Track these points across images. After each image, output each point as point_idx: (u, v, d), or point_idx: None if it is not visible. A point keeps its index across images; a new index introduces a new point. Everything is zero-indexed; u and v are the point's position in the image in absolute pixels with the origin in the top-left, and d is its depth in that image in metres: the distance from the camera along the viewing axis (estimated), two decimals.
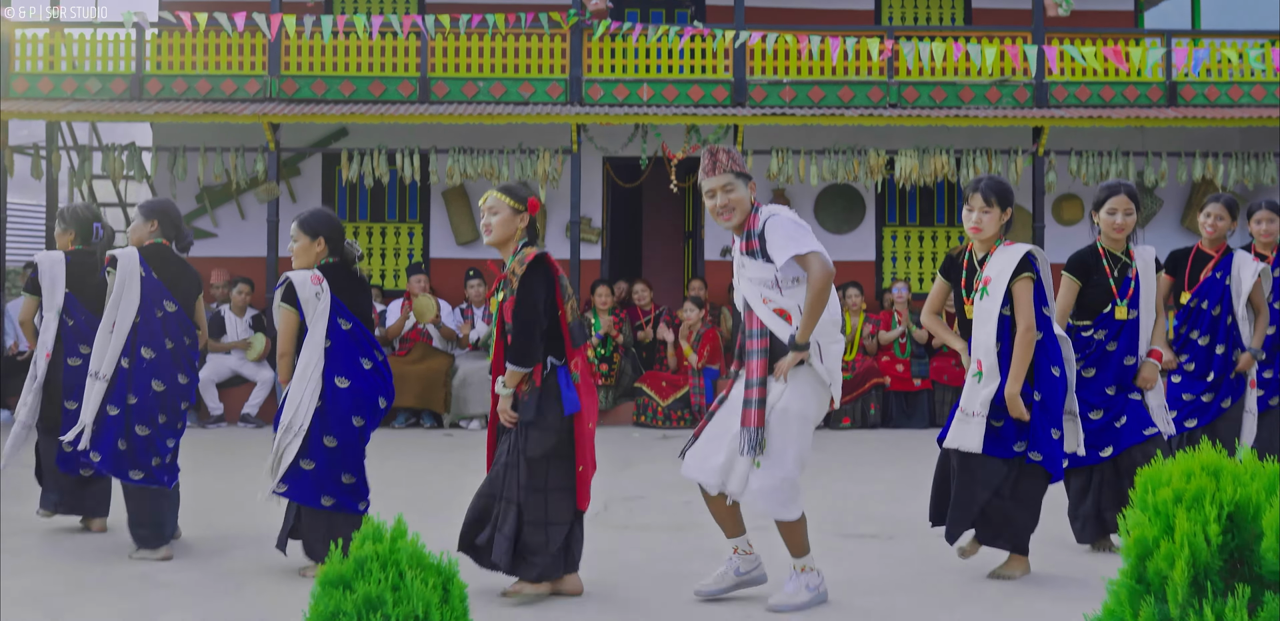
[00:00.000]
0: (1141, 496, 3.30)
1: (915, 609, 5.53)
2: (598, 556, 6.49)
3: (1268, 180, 14.43)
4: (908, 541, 6.99)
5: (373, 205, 15.33)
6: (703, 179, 5.64)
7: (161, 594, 5.74)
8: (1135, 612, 3.19)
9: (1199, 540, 3.12)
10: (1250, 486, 3.22)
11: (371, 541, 3.25)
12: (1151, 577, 3.18)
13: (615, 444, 11.72)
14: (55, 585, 5.89)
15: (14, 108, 13.71)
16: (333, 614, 3.15)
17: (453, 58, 14.31)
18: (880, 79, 14.25)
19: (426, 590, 3.16)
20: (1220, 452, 3.30)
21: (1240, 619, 3.00)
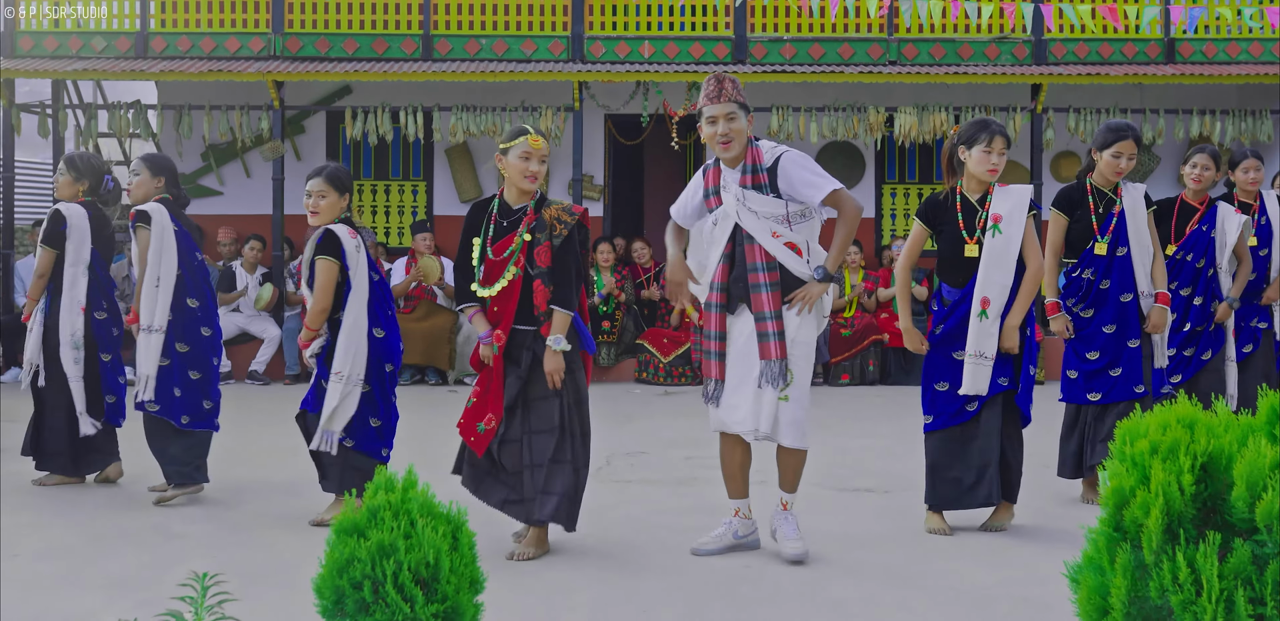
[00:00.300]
0: (1120, 448, 3.44)
1: (909, 560, 5.67)
2: (600, 510, 6.64)
3: (1264, 137, 14.49)
4: (903, 495, 7.13)
5: (376, 163, 15.39)
6: (704, 105, 5.62)
7: (177, 544, 5.90)
8: (1112, 559, 3.34)
9: (1173, 490, 3.25)
10: (1223, 438, 3.35)
11: (384, 491, 3.39)
12: (1128, 525, 3.33)
13: (617, 400, 11.88)
14: (73, 538, 6.05)
15: (19, 66, 13.76)
16: (348, 560, 3.29)
17: (455, 15, 14.33)
18: (880, 36, 14.28)
19: (437, 538, 3.30)
20: (1196, 406, 3.44)
21: (1210, 564, 3.14)
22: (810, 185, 5.51)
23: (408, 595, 3.22)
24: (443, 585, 3.27)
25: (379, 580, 3.24)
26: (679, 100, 14.61)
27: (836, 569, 5.51)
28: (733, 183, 5.63)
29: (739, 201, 5.59)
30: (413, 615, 3.21)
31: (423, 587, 3.25)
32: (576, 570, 5.49)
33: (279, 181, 13.83)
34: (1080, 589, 3.41)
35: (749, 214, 5.57)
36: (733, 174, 5.63)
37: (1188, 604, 3.14)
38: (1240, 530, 3.21)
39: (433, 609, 3.23)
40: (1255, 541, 3.15)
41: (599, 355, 13.48)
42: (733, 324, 5.73)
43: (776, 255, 5.54)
